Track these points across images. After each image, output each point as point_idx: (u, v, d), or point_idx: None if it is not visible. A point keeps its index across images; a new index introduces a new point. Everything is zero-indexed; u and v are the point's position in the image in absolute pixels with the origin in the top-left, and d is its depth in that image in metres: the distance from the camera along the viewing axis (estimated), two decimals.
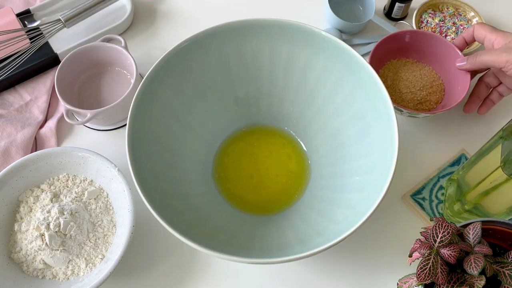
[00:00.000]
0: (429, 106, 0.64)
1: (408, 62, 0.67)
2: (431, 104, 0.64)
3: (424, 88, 0.64)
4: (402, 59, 0.67)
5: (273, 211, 0.59)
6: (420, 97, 0.63)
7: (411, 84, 0.64)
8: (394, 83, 0.65)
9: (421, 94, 0.63)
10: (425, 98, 0.64)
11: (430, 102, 0.64)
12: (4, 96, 0.68)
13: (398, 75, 0.65)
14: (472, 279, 0.41)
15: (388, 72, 0.66)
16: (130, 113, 0.51)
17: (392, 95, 0.64)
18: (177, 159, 0.57)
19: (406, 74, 0.65)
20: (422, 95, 0.63)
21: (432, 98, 0.64)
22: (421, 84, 0.64)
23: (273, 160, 0.62)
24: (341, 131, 0.58)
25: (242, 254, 0.46)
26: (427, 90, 0.64)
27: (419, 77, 0.65)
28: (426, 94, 0.64)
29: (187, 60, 0.55)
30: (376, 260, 0.58)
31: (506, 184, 0.46)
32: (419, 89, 0.64)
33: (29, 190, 0.58)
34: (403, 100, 0.64)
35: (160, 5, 0.77)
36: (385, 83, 0.64)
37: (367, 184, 0.51)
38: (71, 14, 0.68)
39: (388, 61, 0.67)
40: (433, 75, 0.65)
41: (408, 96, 0.64)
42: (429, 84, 0.64)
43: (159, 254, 0.58)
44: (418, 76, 0.65)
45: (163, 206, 0.48)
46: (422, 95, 0.63)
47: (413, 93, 0.64)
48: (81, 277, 0.54)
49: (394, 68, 0.66)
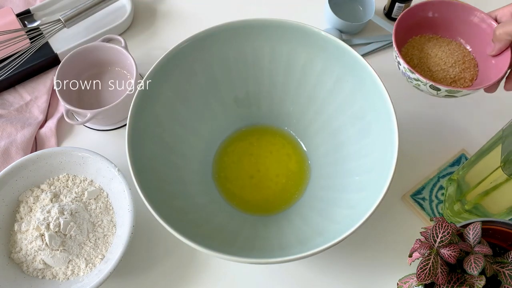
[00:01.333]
0: (464, 84, 0.58)
1: (432, 38, 0.61)
2: (466, 81, 0.58)
3: (457, 64, 0.58)
4: (425, 35, 0.61)
5: (273, 211, 0.59)
6: (454, 74, 0.58)
7: (442, 61, 0.58)
8: (422, 61, 0.59)
9: (454, 71, 0.58)
10: (459, 75, 0.58)
11: (464, 80, 0.58)
12: (4, 96, 0.68)
13: (425, 52, 0.59)
14: (472, 279, 0.41)
15: (413, 50, 0.60)
16: (130, 113, 0.51)
17: (422, 74, 0.58)
18: (177, 159, 0.57)
19: (434, 50, 0.59)
20: (456, 72, 0.58)
21: (466, 75, 0.58)
22: (453, 60, 0.58)
23: (273, 160, 0.62)
24: (341, 131, 0.58)
25: (242, 254, 0.46)
26: (460, 67, 0.58)
27: (449, 52, 0.59)
28: (460, 71, 0.58)
29: (187, 60, 0.55)
30: (376, 260, 0.58)
31: (506, 184, 0.46)
32: (451, 66, 0.58)
33: (29, 190, 0.58)
34: (435, 79, 0.58)
35: (160, 5, 0.77)
36: (411, 62, 0.59)
37: (367, 184, 0.51)
38: (71, 14, 0.68)
39: (410, 38, 0.61)
40: (462, 50, 0.60)
41: (440, 74, 0.58)
42: (461, 60, 0.58)
43: (159, 254, 0.58)
44: (447, 52, 0.59)
45: (163, 206, 0.48)
46: (455, 72, 0.58)
47: (445, 70, 0.58)
48: (81, 277, 0.54)
49: (418, 46, 0.60)
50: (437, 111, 0.66)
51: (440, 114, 0.66)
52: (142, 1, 0.77)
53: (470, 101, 0.67)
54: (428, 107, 0.67)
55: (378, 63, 0.70)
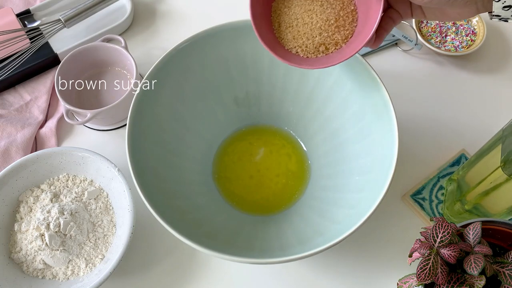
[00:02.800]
0: (333, 48, 0.47)
1: None
2: (337, 44, 0.46)
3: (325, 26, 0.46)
4: None
5: (273, 211, 0.59)
6: (318, 41, 0.46)
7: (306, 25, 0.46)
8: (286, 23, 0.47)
9: (320, 38, 0.46)
10: (326, 40, 0.46)
11: (335, 42, 0.46)
12: (4, 96, 0.68)
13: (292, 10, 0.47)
14: (472, 279, 0.41)
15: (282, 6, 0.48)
16: (130, 113, 0.51)
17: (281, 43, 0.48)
18: (177, 159, 0.57)
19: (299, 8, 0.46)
20: (322, 38, 0.46)
21: (338, 36, 0.46)
22: (322, 20, 0.46)
23: (273, 160, 0.62)
24: (341, 131, 0.58)
25: (242, 254, 0.46)
26: (331, 29, 0.46)
27: (320, 9, 0.46)
28: (329, 35, 0.46)
29: (187, 60, 0.55)
30: (376, 260, 0.58)
31: (506, 184, 0.46)
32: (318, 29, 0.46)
33: (29, 190, 0.58)
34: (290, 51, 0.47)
35: (160, 5, 0.77)
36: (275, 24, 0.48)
37: (367, 184, 0.51)
38: (71, 14, 0.68)
39: None
40: None
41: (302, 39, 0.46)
42: (333, 17, 0.46)
43: (159, 254, 0.58)
44: (318, 8, 0.46)
45: (163, 206, 0.49)
46: (322, 38, 0.46)
47: (310, 35, 0.46)
48: (81, 277, 0.54)
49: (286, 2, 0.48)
50: (437, 111, 0.66)
51: (440, 114, 0.66)
52: (142, 1, 0.77)
53: (470, 101, 0.67)
54: (428, 107, 0.67)
55: (378, 63, 0.70)
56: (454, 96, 0.68)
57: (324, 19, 0.46)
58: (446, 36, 0.71)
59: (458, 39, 0.70)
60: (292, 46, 0.47)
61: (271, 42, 0.47)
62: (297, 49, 0.47)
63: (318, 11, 0.46)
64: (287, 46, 0.47)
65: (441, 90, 0.68)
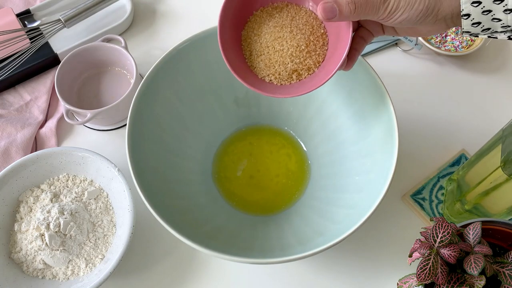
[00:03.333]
0: (306, 73, 0.46)
1: (275, 10, 0.47)
2: (309, 69, 0.46)
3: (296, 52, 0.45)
4: (267, 6, 0.47)
5: (273, 211, 0.59)
6: (291, 68, 0.45)
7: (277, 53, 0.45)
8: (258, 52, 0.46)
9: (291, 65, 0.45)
10: (298, 67, 0.45)
11: (308, 68, 0.45)
12: (4, 96, 0.68)
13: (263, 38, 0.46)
14: (472, 279, 0.41)
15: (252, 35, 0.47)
16: (130, 113, 0.51)
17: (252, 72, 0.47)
18: (177, 159, 0.57)
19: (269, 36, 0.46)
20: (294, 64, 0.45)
21: (309, 61, 0.45)
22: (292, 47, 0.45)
23: (273, 160, 0.62)
24: (341, 131, 0.58)
25: (242, 254, 0.46)
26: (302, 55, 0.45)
27: (290, 36, 0.45)
28: (300, 61, 0.45)
29: (187, 60, 0.55)
30: (376, 260, 0.58)
31: (506, 184, 0.46)
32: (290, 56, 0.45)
33: (29, 190, 0.58)
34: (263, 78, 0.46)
35: (160, 5, 0.77)
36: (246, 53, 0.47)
37: (367, 184, 0.51)
38: (71, 14, 0.68)
39: (250, 16, 0.47)
40: (311, 23, 0.46)
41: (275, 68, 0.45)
42: (303, 43, 0.45)
43: (159, 254, 0.58)
44: (288, 35, 0.45)
45: (163, 206, 0.49)
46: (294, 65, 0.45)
47: (282, 63, 0.45)
48: (81, 277, 0.54)
49: (257, 28, 0.47)
50: (437, 111, 0.66)
51: (440, 114, 0.66)
52: (142, 1, 0.77)
53: (470, 100, 0.67)
54: (428, 107, 0.67)
55: (378, 63, 0.70)
56: (454, 96, 0.68)
57: (295, 45, 0.45)
58: (446, 36, 0.71)
59: (458, 39, 0.70)
60: (265, 74, 0.46)
61: (243, 72, 0.46)
62: (270, 77, 0.46)
63: (288, 37, 0.45)
64: (260, 74, 0.46)
65: (441, 90, 0.68)
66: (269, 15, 0.46)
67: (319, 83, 0.44)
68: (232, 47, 0.46)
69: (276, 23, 0.46)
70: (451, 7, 0.40)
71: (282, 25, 0.46)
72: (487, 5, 0.38)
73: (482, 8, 0.39)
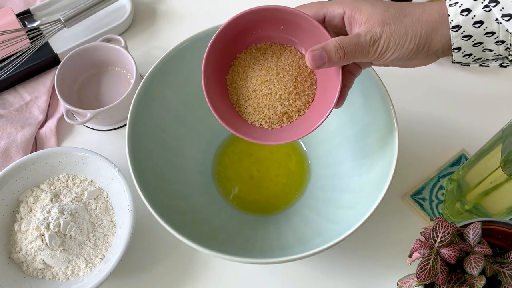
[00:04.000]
0: (297, 114, 0.45)
1: (259, 51, 0.46)
2: (300, 111, 0.45)
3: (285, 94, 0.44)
4: (251, 48, 0.46)
5: (273, 211, 0.59)
6: (280, 111, 0.44)
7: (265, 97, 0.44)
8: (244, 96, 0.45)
9: (281, 108, 0.44)
10: (288, 109, 0.45)
11: (298, 109, 0.45)
12: (4, 96, 0.68)
13: (248, 81, 0.45)
14: (472, 279, 0.41)
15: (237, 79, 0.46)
16: (130, 113, 0.51)
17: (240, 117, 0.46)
18: (177, 159, 0.57)
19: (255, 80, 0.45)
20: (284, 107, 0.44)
21: (299, 102, 0.45)
22: (280, 90, 0.44)
23: (273, 160, 0.62)
24: (341, 131, 0.58)
25: (242, 254, 0.46)
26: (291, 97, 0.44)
27: (277, 78, 0.44)
28: (290, 104, 0.44)
29: (187, 60, 0.55)
30: (376, 260, 0.58)
31: (506, 184, 0.46)
32: (278, 99, 0.44)
33: (29, 190, 0.58)
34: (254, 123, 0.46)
35: (160, 5, 0.77)
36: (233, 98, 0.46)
37: (367, 184, 0.51)
38: (71, 14, 0.68)
39: (234, 58, 0.46)
40: (297, 63, 0.45)
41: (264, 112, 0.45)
42: (291, 85, 0.44)
43: (159, 254, 0.58)
44: (275, 78, 0.44)
45: (163, 206, 0.49)
46: (283, 108, 0.44)
47: (271, 106, 0.44)
48: (81, 277, 0.54)
49: (242, 71, 0.46)
50: (437, 111, 0.66)
51: (440, 114, 0.66)
52: (142, 1, 0.77)
53: (470, 101, 0.67)
54: (428, 107, 0.67)
55: None
56: (454, 96, 0.68)
57: (283, 88, 0.44)
58: None
59: None
60: (255, 119, 0.45)
61: (232, 119, 0.45)
62: (260, 122, 0.45)
63: (275, 80, 0.44)
64: (250, 120, 0.45)
65: (441, 90, 0.68)
66: (253, 58, 0.45)
67: (312, 127, 0.43)
68: (218, 92, 0.46)
69: (261, 66, 0.45)
70: (442, 42, 0.40)
71: (267, 68, 0.45)
72: (478, 38, 0.39)
73: (473, 41, 0.39)
